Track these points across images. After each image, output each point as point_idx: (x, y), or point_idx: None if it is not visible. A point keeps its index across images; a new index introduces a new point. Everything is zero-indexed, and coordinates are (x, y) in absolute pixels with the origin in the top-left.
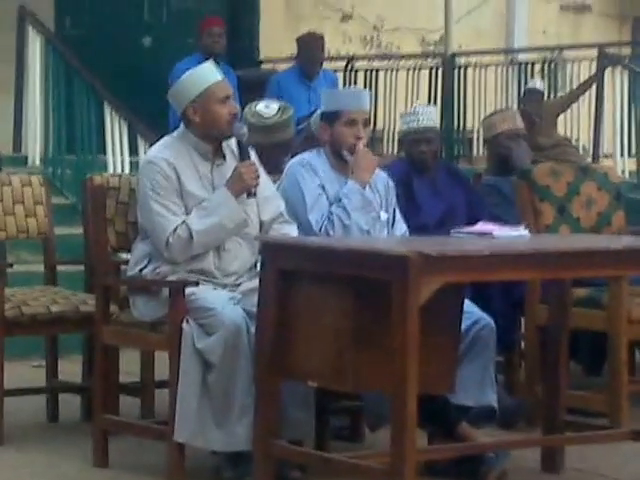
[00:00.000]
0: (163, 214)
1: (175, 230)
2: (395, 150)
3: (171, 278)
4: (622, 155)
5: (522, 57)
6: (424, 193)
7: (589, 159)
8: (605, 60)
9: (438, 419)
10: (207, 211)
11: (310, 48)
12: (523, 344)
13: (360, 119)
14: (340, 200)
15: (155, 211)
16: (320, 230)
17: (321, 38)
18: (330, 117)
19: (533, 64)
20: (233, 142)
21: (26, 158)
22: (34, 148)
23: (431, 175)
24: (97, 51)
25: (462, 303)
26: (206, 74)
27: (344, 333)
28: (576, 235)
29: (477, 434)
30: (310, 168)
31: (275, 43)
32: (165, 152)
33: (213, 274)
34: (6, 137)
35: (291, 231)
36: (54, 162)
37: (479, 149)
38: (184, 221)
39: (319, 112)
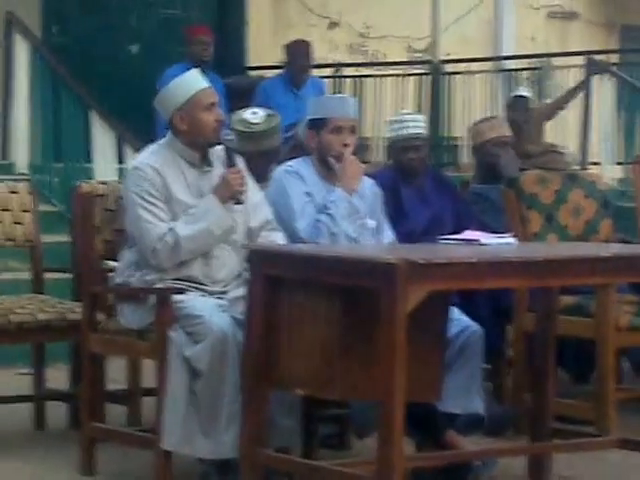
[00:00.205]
0: (150, 220)
1: (162, 236)
2: (383, 157)
3: (158, 286)
4: (609, 163)
5: (510, 64)
6: (411, 200)
7: (576, 167)
8: (593, 67)
9: (425, 427)
10: (194, 217)
11: (298, 55)
12: (510, 352)
13: (347, 126)
14: (327, 208)
15: (142, 217)
16: (307, 237)
17: (309, 45)
18: (317, 124)
19: (521, 71)
20: (220, 149)
21: (13, 165)
22: (21, 155)
23: (418, 182)
24: (84, 59)
25: (448, 310)
26: (191, 81)
27: (331, 341)
28: (564, 243)
29: (464, 442)
30: (297, 175)
31: (263, 50)
32: (152, 159)
33: (201, 281)
34: None
35: (279, 238)
36: (41, 170)
37: (466, 157)
38: (171, 227)
39: (306, 119)
